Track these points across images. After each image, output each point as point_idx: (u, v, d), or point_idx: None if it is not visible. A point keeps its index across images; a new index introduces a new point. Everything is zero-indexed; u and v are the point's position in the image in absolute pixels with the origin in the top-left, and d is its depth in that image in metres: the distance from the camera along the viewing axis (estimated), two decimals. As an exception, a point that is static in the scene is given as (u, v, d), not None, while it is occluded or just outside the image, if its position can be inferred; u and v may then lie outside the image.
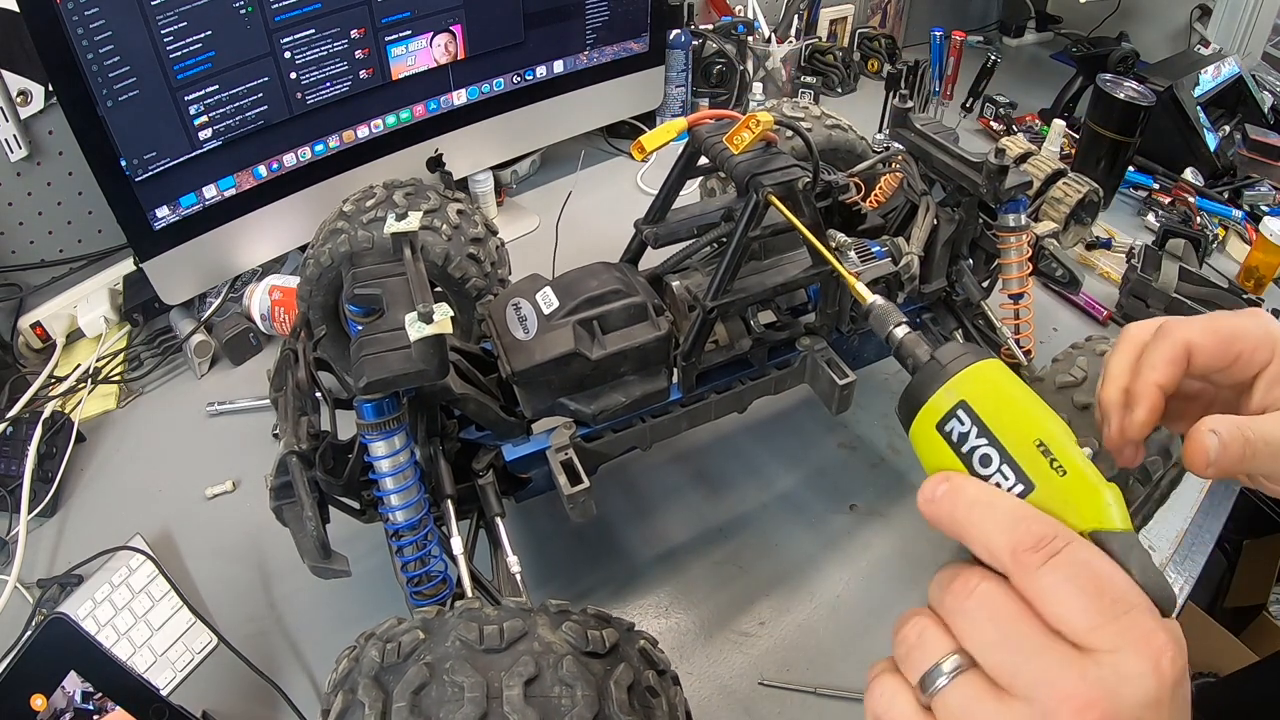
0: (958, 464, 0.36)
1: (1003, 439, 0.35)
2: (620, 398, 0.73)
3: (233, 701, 0.75)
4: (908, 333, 0.40)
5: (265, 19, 0.96)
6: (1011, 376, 0.36)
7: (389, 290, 0.66)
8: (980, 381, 0.36)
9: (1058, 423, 0.35)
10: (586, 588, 0.86)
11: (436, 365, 0.60)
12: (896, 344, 0.40)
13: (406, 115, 1.17)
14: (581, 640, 0.49)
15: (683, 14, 1.55)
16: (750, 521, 0.92)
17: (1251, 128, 1.61)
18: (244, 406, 1.04)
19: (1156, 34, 2.00)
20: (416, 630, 0.49)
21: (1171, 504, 0.86)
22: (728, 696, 0.76)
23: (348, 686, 0.47)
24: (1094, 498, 0.33)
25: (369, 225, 0.87)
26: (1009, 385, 0.36)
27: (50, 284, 1.12)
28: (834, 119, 1.03)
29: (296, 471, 0.64)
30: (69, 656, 0.62)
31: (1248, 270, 1.26)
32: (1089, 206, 1.02)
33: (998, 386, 0.35)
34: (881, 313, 0.42)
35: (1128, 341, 0.46)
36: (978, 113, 1.76)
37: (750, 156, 0.70)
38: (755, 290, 0.74)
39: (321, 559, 0.63)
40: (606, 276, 0.73)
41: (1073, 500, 0.33)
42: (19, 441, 0.93)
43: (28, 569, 0.86)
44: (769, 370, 0.80)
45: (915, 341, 0.40)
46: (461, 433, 0.75)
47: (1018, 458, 0.34)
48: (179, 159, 0.97)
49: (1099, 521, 0.33)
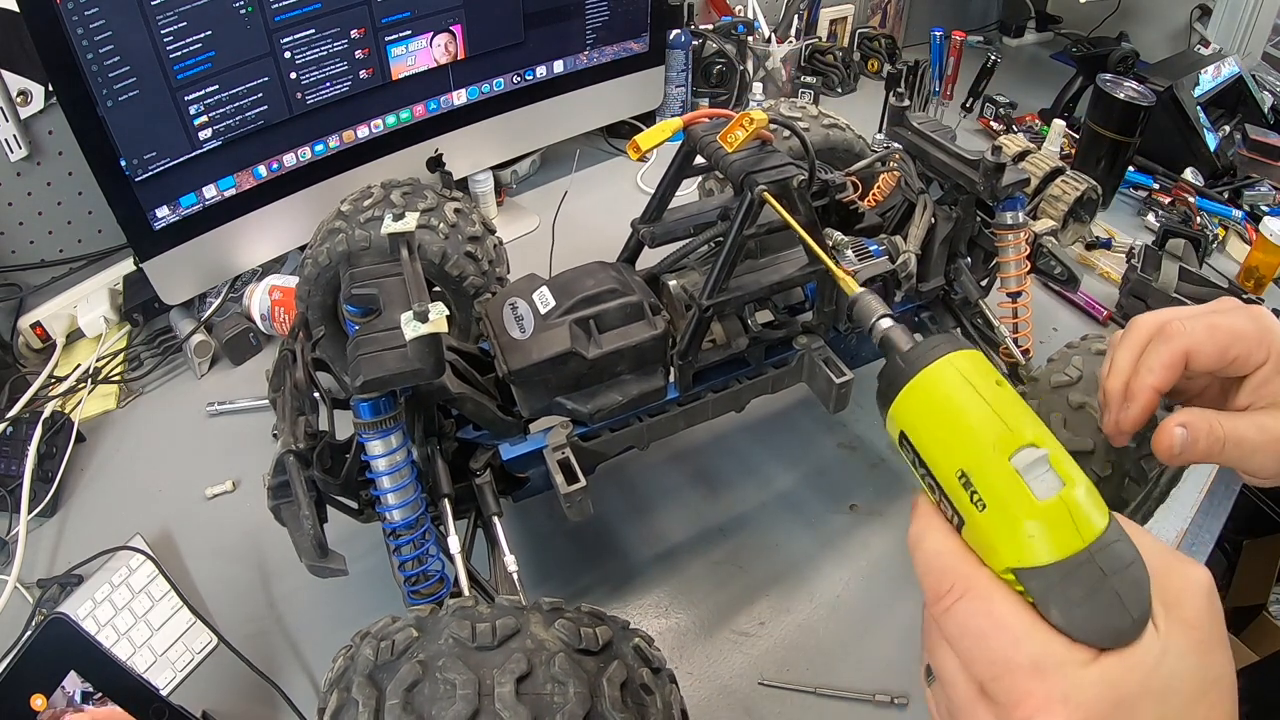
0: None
1: (934, 471, 0.34)
2: (617, 397, 0.73)
3: (233, 701, 0.75)
4: (890, 325, 0.40)
5: (265, 19, 0.96)
6: (966, 378, 0.34)
7: (386, 290, 0.66)
8: (921, 400, 0.34)
9: (994, 438, 0.32)
10: (584, 587, 0.86)
11: (432, 364, 0.60)
12: (879, 336, 0.40)
13: (406, 115, 1.17)
14: (574, 638, 0.49)
15: (683, 14, 1.55)
16: (749, 521, 0.92)
17: (1251, 128, 1.60)
18: (244, 406, 1.05)
19: (1156, 34, 2.00)
20: (410, 628, 0.49)
21: (1171, 504, 0.86)
22: (727, 696, 0.76)
23: (343, 685, 0.47)
24: (1013, 533, 0.31)
25: (366, 225, 0.87)
26: (952, 398, 0.33)
27: (50, 284, 1.13)
28: (832, 118, 1.03)
29: (294, 471, 0.64)
30: (69, 656, 0.62)
31: (1248, 270, 1.26)
32: (1087, 204, 1.01)
33: (937, 404, 0.34)
34: (865, 304, 0.42)
35: (1134, 334, 0.48)
36: (978, 113, 1.75)
37: (746, 155, 0.70)
38: (752, 289, 0.74)
39: (319, 558, 0.64)
40: (603, 276, 0.73)
41: (992, 536, 0.32)
42: (19, 441, 0.94)
43: (28, 569, 0.86)
44: (766, 369, 0.80)
45: (894, 336, 0.39)
46: (459, 432, 0.75)
47: (947, 490, 0.33)
48: (179, 159, 0.97)
49: (1018, 558, 0.31)
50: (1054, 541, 0.30)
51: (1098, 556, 0.30)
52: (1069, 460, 0.32)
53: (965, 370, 0.34)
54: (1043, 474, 0.31)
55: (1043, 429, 0.33)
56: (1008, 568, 0.32)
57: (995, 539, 0.32)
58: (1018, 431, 0.32)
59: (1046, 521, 0.30)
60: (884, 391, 0.36)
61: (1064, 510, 0.31)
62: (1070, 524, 0.30)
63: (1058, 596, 0.30)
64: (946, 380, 0.34)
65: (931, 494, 0.35)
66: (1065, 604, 0.30)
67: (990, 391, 0.33)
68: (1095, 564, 0.30)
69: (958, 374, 0.34)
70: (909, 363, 0.35)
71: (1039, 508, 0.31)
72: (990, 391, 0.33)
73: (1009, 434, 0.32)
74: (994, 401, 0.33)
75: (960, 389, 0.33)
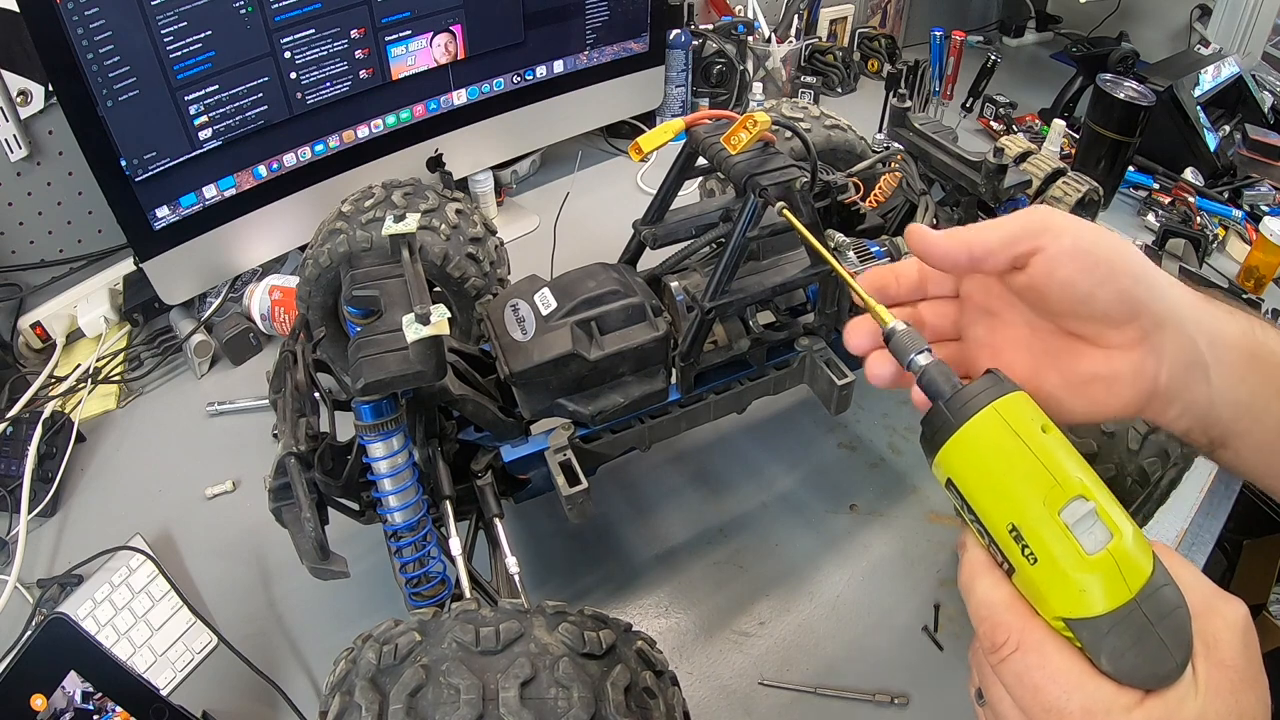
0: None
1: (984, 521, 0.34)
2: (619, 398, 0.73)
3: (233, 701, 0.75)
4: (928, 363, 0.37)
5: (265, 19, 0.96)
6: (1013, 428, 0.34)
7: (387, 291, 0.66)
8: (968, 452, 0.34)
9: (1043, 492, 0.33)
10: (585, 588, 0.86)
11: (434, 367, 0.60)
12: (918, 373, 0.38)
13: (406, 115, 1.17)
14: (578, 641, 0.49)
15: (683, 14, 1.55)
16: (750, 522, 0.92)
17: (1251, 128, 1.60)
18: (244, 406, 1.05)
19: (1156, 34, 2.00)
20: (413, 632, 0.49)
21: (1171, 504, 0.86)
22: (728, 696, 0.76)
23: (345, 689, 0.47)
24: (1064, 586, 0.32)
25: (367, 226, 0.87)
26: (999, 451, 0.34)
27: (50, 284, 1.13)
28: (833, 119, 1.03)
29: (295, 473, 0.64)
30: (69, 656, 0.62)
31: (1248, 270, 1.26)
32: (1089, 205, 1.01)
33: (986, 453, 0.34)
34: (900, 342, 0.39)
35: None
36: (978, 113, 1.75)
37: (748, 157, 0.70)
38: (754, 290, 0.74)
39: (320, 560, 0.63)
40: (605, 277, 0.73)
41: (1043, 588, 0.33)
42: (19, 441, 0.93)
43: (28, 569, 0.86)
44: (768, 370, 0.80)
45: (936, 379, 0.37)
46: (460, 434, 0.75)
47: (997, 540, 0.34)
48: (179, 159, 0.97)
49: (1070, 609, 0.32)
50: (1103, 594, 0.32)
51: (1144, 605, 0.32)
52: (1115, 507, 0.33)
53: (1011, 418, 0.34)
54: (1091, 526, 0.32)
55: (1089, 474, 0.33)
56: (1058, 616, 0.33)
57: (1046, 591, 0.33)
58: (1066, 484, 0.33)
59: (1096, 575, 0.32)
60: (929, 439, 0.36)
61: (1112, 563, 0.32)
62: (1119, 576, 0.32)
63: (1106, 646, 0.32)
64: (993, 432, 0.34)
65: (980, 537, 0.35)
66: (1113, 653, 0.32)
67: (1036, 440, 0.34)
68: (1142, 612, 0.32)
69: (1003, 424, 0.34)
70: (954, 412, 0.35)
71: (1089, 562, 0.32)
72: (1036, 440, 0.34)
73: (1057, 488, 0.33)
74: (1040, 451, 0.33)
75: (1007, 440, 0.34)
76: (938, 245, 0.41)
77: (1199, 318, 0.41)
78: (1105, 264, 0.39)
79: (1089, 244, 0.39)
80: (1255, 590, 1.41)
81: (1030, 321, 0.42)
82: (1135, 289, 0.39)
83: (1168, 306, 0.40)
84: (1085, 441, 0.69)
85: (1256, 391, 0.41)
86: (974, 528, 0.35)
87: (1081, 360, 0.40)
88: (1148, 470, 0.70)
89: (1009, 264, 0.40)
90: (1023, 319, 0.43)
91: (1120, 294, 0.39)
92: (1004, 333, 0.43)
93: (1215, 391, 0.41)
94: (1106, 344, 0.40)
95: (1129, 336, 0.39)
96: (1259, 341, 0.41)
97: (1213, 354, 0.40)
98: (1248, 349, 0.41)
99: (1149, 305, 0.39)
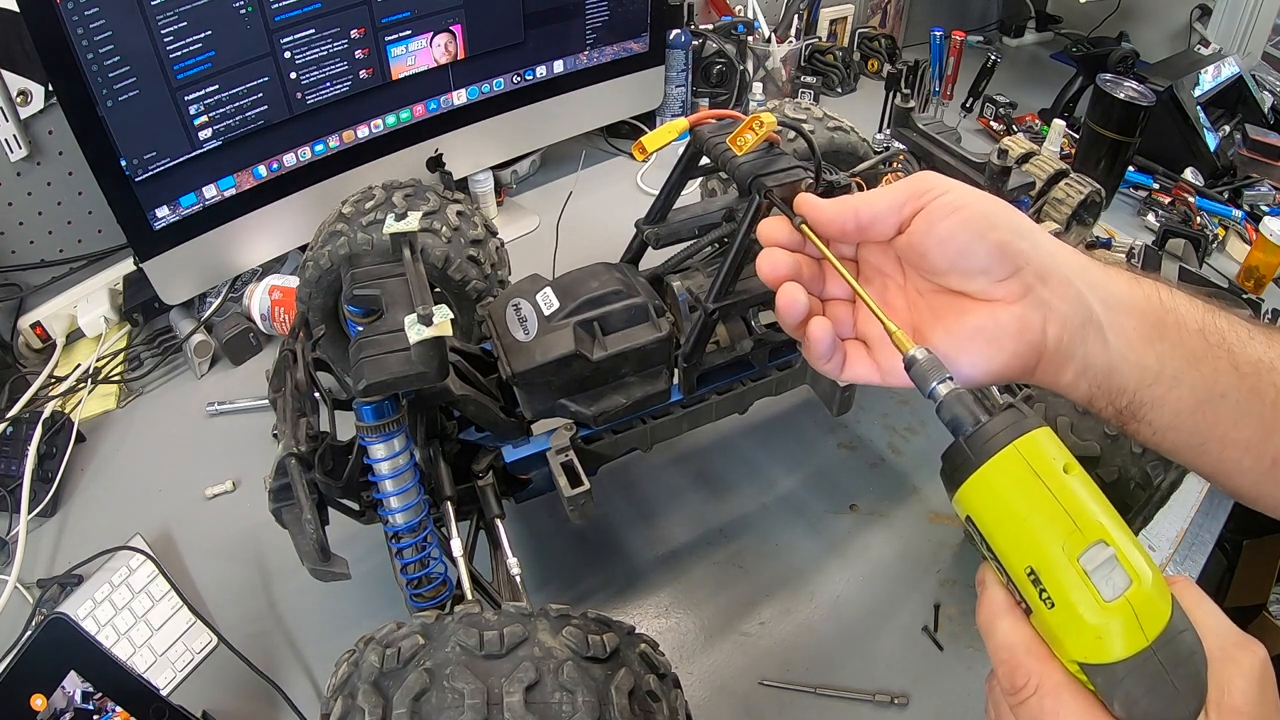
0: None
1: (1002, 561, 0.34)
2: (621, 399, 0.73)
3: (233, 701, 0.75)
4: (950, 390, 0.37)
5: (265, 19, 0.96)
6: (1034, 469, 0.33)
7: (388, 291, 0.66)
8: (988, 492, 0.34)
9: (1062, 537, 0.32)
10: (587, 589, 0.86)
11: (436, 368, 0.60)
12: (938, 403, 0.37)
13: (406, 115, 1.17)
14: (582, 645, 0.49)
15: (683, 14, 1.55)
16: (751, 523, 0.92)
17: (1251, 128, 1.60)
18: (244, 406, 1.04)
19: (1156, 34, 2.00)
20: (416, 635, 0.49)
21: (1171, 505, 0.86)
22: (728, 696, 0.76)
23: (347, 692, 0.47)
24: (1081, 632, 0.32)
25: (368, 227, 0.87)
26: (1019, 493, 0.33)
27: (50, 284, 1.12)
28: (836, 120, 1.03)
29: (295, 473, 0.64)
30: (69, 656, 0.62)
31: (1248, 270, 1.26)
32: (1091, 207, 1.01)
33: (1006, 494, 0.34)
34: (920, 370, 0.38)
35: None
36: (978, 113, 1.75)
37: (752, 157, 0.70)
38: (757, 291, 0.73)
39: (321, 562, 0.63)
40: (607, 277, 0.73)
41: (1059, 632, 0.33)
42: (19, 441, 0.93)
43: (28, 569, 0.86)
44: (770, 371, 0.80)
45: (958, 412, 0.36)
46: (461, 434, 0.75)
47: (1015, 582, 0.34)
48: (179, 159, 0.97)
49: (1085, 655, 0.32)
50: (1120, 641, 0.31)
51: (1160, 653, 0.31)
52: (1136, 550, 0.33)
53: (1032, 458, 0.34)
54: (1110, 573, 0.32)
55: (1110, 516, 0.33)
56: (1073, 660, 0.33)
57: (1063, 635, 0.33)
58: (1086, 528, 0.32)
59: (1113, 623, 0.32)
60: (948, 475, 0.36)
61: (1130, 611, 0.31)
62: (1135, 623, 0.31)
63: (1120, 692, 0.32)
64: (1013, 472, 0.34)
65: (999, 575, 0.35)
66: (1127, 699, 0.32)
67: (1057, 482, 0.33)
68: (1157, 660, 0.31)
69: (1025, 466, 0.34)
70: (974, 450, 0.35)
71: (1106, 609, 0.32)
72: (1057, 482, 0.33)
73: (1077, 533, 0.32)
74: (1061, 493, 0.33)
75: (1027, 481, 0.33)
76: (825, 212, 0.43)
77: (1091, 278, 0.41)
78: (981, 217, 0.40)
79: (965, 200, 0.40)
80: (1255, 590, 1.42)
81: (917, 283, 0.43)
82: (1015, 242, 0.39)
83: (1052, 262, 0.40)
84: (1088, 444, 0.69)
85: (1166, 358, 0.40)
86: (993, 565, 0.35)
87: (965, 316, 0.41)
88: (1150, 474, 0.70)
89: (895, 229, 0.41)
90: (911, 281, 0.44)
91: (999, 246, 0.39)
92: (895, 294, 0.44)
93: (1115, 355, 0.40)
94: (989, 298, 0.40)
95: (1011, 290, 0.40)
96: (1167, 308, 0.41)
97: (1109, 316, 0.40)
98: (1153, 314, 0.41)
99: (1030, 258, 0.39)
